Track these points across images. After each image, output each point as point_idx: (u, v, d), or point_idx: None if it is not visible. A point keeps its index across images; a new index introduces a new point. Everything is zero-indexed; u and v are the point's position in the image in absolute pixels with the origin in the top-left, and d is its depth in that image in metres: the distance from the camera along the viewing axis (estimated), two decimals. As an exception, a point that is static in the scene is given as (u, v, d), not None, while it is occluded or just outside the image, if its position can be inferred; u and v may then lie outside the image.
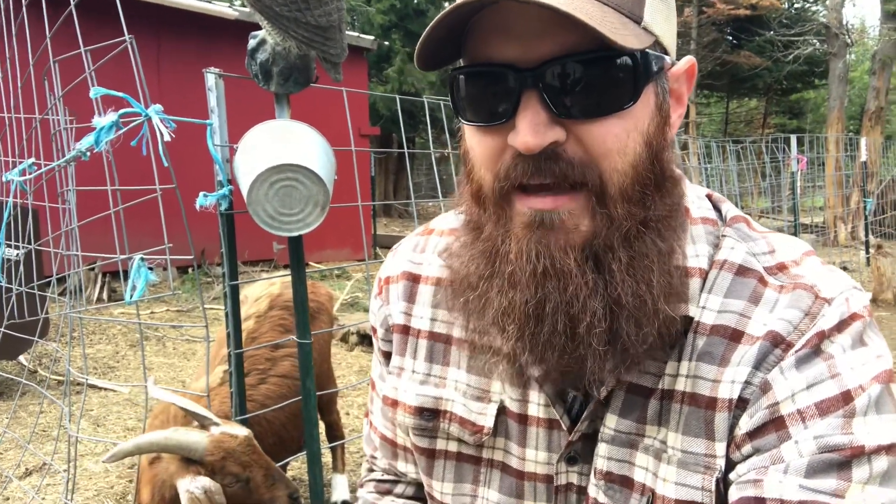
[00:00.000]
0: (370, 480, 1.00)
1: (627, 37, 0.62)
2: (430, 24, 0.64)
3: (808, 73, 22.52)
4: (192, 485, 1.67)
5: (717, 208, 0.79)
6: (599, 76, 0.64)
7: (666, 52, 0.70)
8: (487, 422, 0.80)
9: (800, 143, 7.84)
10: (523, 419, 0.79)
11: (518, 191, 0.67)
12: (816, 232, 10.85)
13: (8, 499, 3.06)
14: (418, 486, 0.94)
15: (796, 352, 0.66)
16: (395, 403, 0.87)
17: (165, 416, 2.20)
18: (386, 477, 0.98)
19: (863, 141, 10.59)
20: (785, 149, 7.84)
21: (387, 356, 0.92)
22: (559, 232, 0.65)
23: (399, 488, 0.97)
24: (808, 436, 0.63)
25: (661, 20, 0.68)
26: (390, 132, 16.02)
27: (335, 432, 3.09)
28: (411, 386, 0.85)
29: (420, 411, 0.84)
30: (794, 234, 7.22)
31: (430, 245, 0.89)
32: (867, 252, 9.19)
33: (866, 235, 9.94)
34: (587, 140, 0.65)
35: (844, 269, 8.37)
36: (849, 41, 13.72)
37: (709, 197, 0.81)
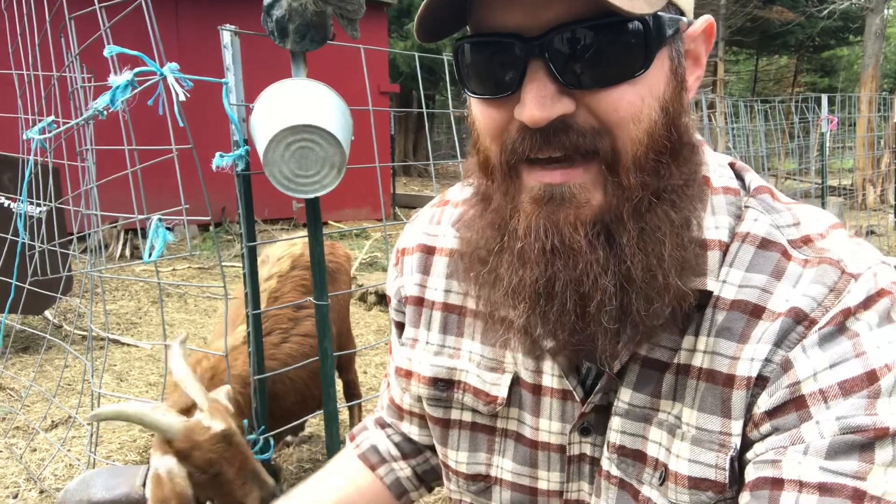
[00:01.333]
0: (376, 413, 1.04)
1: (636, 1, 0.59)
2: None
3: (843, 29, 21.76)
4: (158, 463, 1.66)
5: (739, 177, 0.76)
6: (608, 43, 0.60)
7: (681, 13, 0.66)
8: (501, 392, 0.80)
9: (830, 102, 7.62)
10: (537, 389, 0.78)
11: (526, 163, 0.65)
12: (844, 195, 10.62)
13: (35, 450, 3.16)
14: (409, 438, 0.99)
15: (820, 329, 0.64)
16: (408, 374, 0.87)
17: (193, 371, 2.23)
18: (388, 420, 1.02)
19: (897, 101, 10.28)
20: (815, 108, 7.62)
21: (398, 326, 0.92)
22: (569, 207, 0.63)
23: (389, 430, 1.01)
24: (830, 416, 0.61)
25: None
26: (411, 89, 15.85)
27: (353, 391, 3.14)
28: (426, 357, 0.86)
29: (434, 382, 0.84)
30: (822, 196, 7.07)
31: (445, 216, 0.89)
32: (896, 216, 9.00)
33: (896, 199, 9.72)
34: (599, 109, 0.62)
35: (872, 232, 8.22)
36: (887, -4, 13.19)
37: (731, 165, 0.78)
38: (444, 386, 0.84)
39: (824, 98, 7.27)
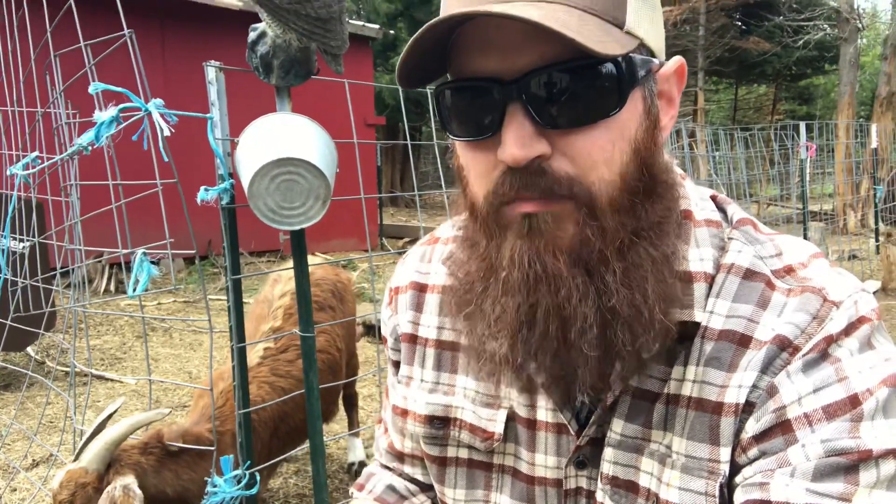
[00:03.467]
0: (377, 461, 1.02)
1: (608, 43, 0.61)
2: (407, 45, 0.64)
3: (819, 59, 22.29)
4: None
5: (721, 210, 0.78)
6: (582, 84, 0.63)
7: (653, 55, 0.69)
8: (498, 428, 0.80)
9: (809, 129, 7.76)
10: (532, 424, 0.79)
11: (508, 204, 0.67)
12: (826, 219, 10.77)
13: (15, 490, 3.09)
14: (422, 472, 0.96)
15: (804, 356, 0.65)
16: (404, 413, 0.87)
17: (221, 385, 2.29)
18: (391, 465, 0.99)
19: (874, 127, 10.48)
20: (794, 136, 7.76)
21: (397, 365, 0.92)
22: (547, 236, 0.65)
23: (400, 469, 0.98)
24: (816, 439, 0.63)
25: (646, 22, 0.67)
26: (397, 121, 15.98)
27: (353, 401, 3.35)
28: (420, 395, 0.86)
29: (430, 420, 0.84)
30: (804, 221, 7.17)
31: (435, 254, 0.90)
32: (877, 240, 9.12)
33: (876, 223, 9.86)
34: (572, 153, 0.64)
35: (854, 257, 8.32)
36: (860, 26, 13.55)
37: (713, 199, 0.80)
38: (440, 424, 0.84)
39: (802, 125, 7.41)
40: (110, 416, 2.03)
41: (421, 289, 0.89)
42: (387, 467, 1.00)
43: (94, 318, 6.07)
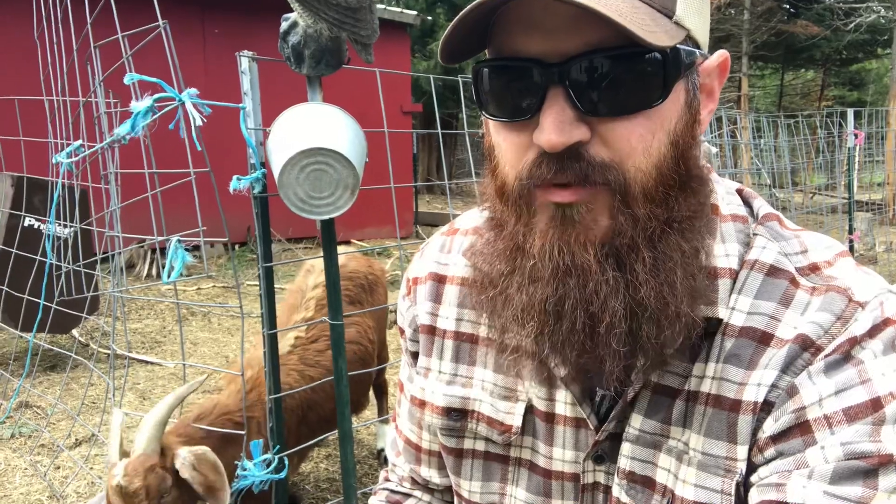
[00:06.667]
0: (383, 489, 1.00)
1: (657, 33, 0.60)
2: (454, 21, 0.63)
3: (871, 42, 21.46)
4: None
5: (748, 204, 0.77)
6: (628, 73, 0.62)
7: (697, 46, 0.68)
8: (516, 421, 0.80)
9: (858, 116, 7.51)
10: (550, 418, 0.78)
11: (540, 188, 0.66)
12: (873, 209, 10.42)
13: (59, 468, 3.21)
14: (430, 500, 0.95)
15: (826, 356, 0.64)
16: (422, 404, 0.87)
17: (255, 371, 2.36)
18: (399, 489, 0.98)
19: (927, 114, 10.09)
20: (841, 123, 7.52)
21: (415, 356, 0.92)
22: (579, 227, 0.64)
23: (409, 502, 0.96)
24: (835, 442, 0.62)
25: (694, 13, 0.66)
26: (433, 108, 15.95)
27: (382, 388, 3.42)
28: (438, 386, 0.86)
29: (448, 411, 0.84)
30: (849, 212, 6.95)
31: (455, 245, 0.89)
32: (928, 231, 8.80)
33: (928, 214, 9.52)
34: (611, 139, 0.63)
35: (902, 249, 8.04)
36: (915, 8, 13.02)
37: (739, 192, 0.78)
38: (457, 416, 0.84)
39: (850, 112, 7.17)
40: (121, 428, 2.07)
41: (440, 280, 0.88)
42: (395, 501, 0.96)
43: (135, 303, 6.23)
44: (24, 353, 3.97)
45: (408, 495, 0.97)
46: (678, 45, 0.63)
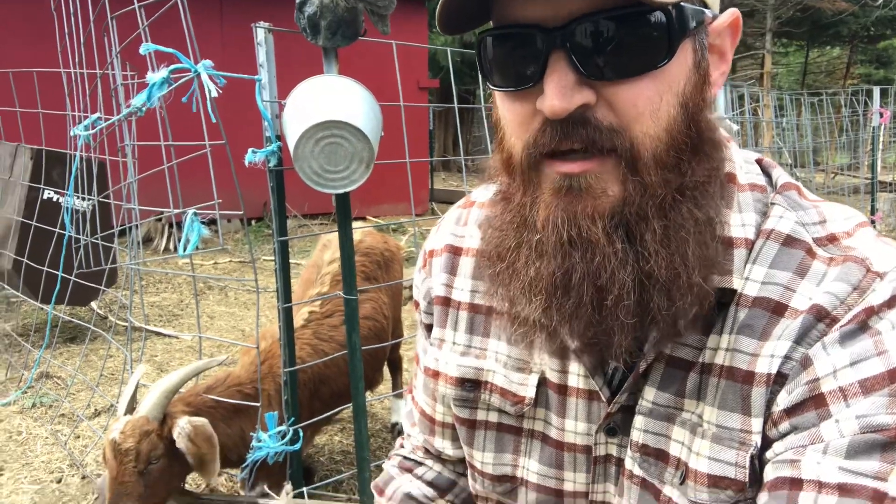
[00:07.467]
0: (397, 455, 1.01)
1: None
2: None
3: (900, 19, 20.94)
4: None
5: (767, 174, 0.75)
6: (631, 33, 0.60)
7: (705, 6, 0.65)
8: (529, 392, 0.80)
9: (884, 95, 7.35)
10: (563, 390, 0.78)
11: (547, 157, 0.64)
12: (897, 190, 10.24)
13: (78, 437, 3.27)
14: (441, 469, 0.95)
15: (841, 327, 0.62)
16: (436, 374, 0.87)
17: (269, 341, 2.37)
18: (412, 456, 0.99)
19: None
20: (867, 101, 7.36)
21: (429, 328, 0.92)
22: (587, 198, 0.63)
23: (420, 470, 0.97)
24: (850, 415, 0.60)
25: None
26: (451, 84, 15.82)
27: (397, 364, 3.42)
28: (452, 357, 0.86)
29: (461, 382, 0.84)
30: (872, 192, 6.83)
31: (471, 217, 0.89)
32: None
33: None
34: (617, 103, 0.61)
35: (926, 230, 7.90)
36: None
37: (759, 162, 0.76)
38: (471, 386, 0.84)
39: (876, 90, 7.02)
40: (137, 386, 2.10)
41: (456, 252, 0.88)
42: (407, 467, 0.97)
43: (153, 276, 6.29)
44: (44, 325, 4.03)
45: (420, 463, 0.97)
46: (683, 3, 0.61)
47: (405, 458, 0.99)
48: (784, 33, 21.47)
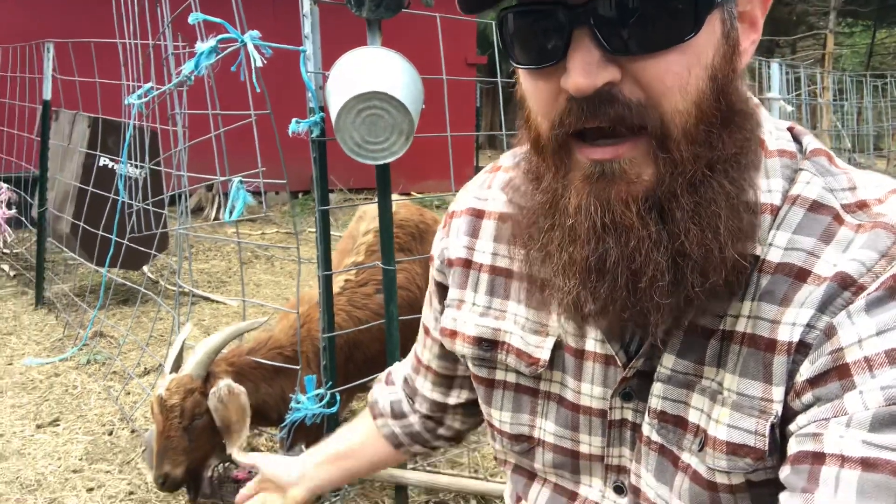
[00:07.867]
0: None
1: None
2: None
3: (976, -2, 19.81)
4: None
5: (797, 140, 0.73)
6: (656, 6, 0.59)
7: None
8: (543, 354, 0.81)
9: (953, 78, 7.00)
10: (580, 353, 0.79)
11: (576, 139, 0.64)
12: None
13: (129, 393, 3.43)
14: (409, 410, 1.07)
15: (868, 295, 0.61)
16: (453, 334, 0.89)
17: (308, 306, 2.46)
18: (393, 378, 1.13)
19: None
20: (934, 85, 7.03)
21: (438, 286, 0.94)
22: (620, 183, 0.62)
23: (393, 388, 1.11)
24: (875, 385, 0.58)
25: None
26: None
27: None
28: (471, 317, 0.87)
29: (478, 341, 0.85)
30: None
31: (496, 181, 0.89)
32: None
33: None
34: (644, 79, 0.60)
35: None
36: None
37: (790, 129, 0.75)
38: (487, 346, 0.85)
39: (945, 73, 6.68)
40: (183, 346, 2.18)
41: (478, 215, 0.89)
42: (390, 381, 1.13)
43: (202, 244, 6.47)
44: (99, 287, 4.20)
45: (395, 383, 1.12)
46: None
47: (392, 375, 1.13)
48: (849, 12, 20.52)
